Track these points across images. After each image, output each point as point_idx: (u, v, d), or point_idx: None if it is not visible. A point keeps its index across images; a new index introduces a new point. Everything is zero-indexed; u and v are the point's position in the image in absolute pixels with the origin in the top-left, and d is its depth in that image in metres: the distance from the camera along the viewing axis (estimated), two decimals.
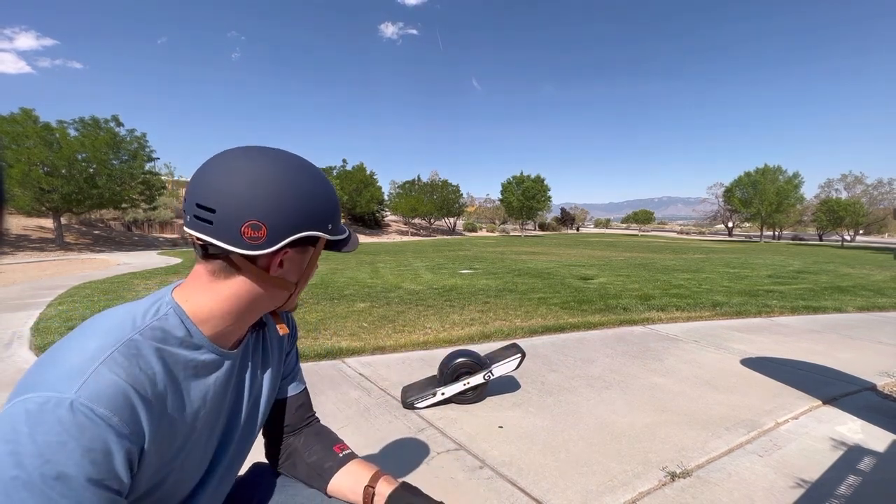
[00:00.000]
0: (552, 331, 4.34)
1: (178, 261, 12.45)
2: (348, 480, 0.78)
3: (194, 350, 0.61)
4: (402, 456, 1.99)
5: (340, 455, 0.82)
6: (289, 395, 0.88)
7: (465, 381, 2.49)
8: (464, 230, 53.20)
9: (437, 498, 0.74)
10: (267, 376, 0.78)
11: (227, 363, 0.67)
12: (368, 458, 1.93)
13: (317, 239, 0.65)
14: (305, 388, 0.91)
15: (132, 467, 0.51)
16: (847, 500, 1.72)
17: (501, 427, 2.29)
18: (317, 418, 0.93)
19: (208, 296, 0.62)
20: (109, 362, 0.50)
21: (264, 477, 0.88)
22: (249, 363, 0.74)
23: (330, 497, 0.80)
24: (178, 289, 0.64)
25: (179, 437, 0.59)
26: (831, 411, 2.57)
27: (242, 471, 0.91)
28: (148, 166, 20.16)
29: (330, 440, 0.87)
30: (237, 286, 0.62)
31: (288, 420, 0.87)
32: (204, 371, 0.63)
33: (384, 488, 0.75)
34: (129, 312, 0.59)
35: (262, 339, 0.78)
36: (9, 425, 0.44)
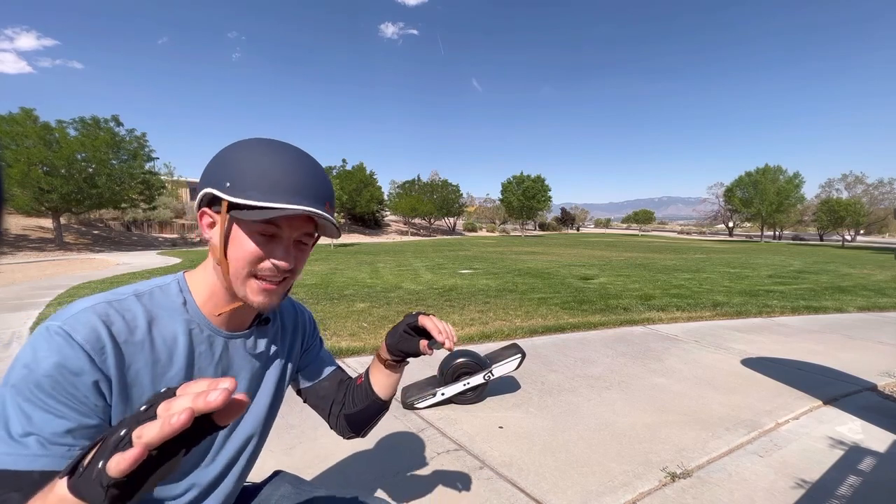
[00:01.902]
0: (552, 331, 4.34)
1: (177, 261, 12.44)
2: (374, 374, 0.87)
3: (185, 319, 0.66)
4: (402, 456, 1.98)
5: (363, 377, 0.89)
6: (324, 378, 0.91)
7: (466, 382, 2.49)
8: (464, 230, 53.20)
9: (436, 499, 0.75)
10: (270, 373, 0.79)
11: (218, 340, 0.69)
12: (368, 459, 1.94)
13: (220, 199, 0.62)
14: (338, 367, 0.95)
15: (104, 396, 0.57)
16: (847, 500, 1.72)
17: (501, 427, 2.28)
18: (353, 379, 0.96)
19: (207, 269, 0.68)
20: (96, 307, 0.59)
21: (283, 486, 0.90)
22: (250, 354, 0.75)
23: (384, 400, 0.87)
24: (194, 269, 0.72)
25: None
26: (832, 411, 2.57)
27: (259, 478, 0.94)
28: (147, 166, 20.12)
29: (353, 381, 0.92)
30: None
31: (336, 397, 0.90)
32: (190, 341, 0.66)
33: (380, 349, 0.87)
34: (139, 283, 0.67)
35: (272, 335, 0.80)
36: (25, 344, 0.57)
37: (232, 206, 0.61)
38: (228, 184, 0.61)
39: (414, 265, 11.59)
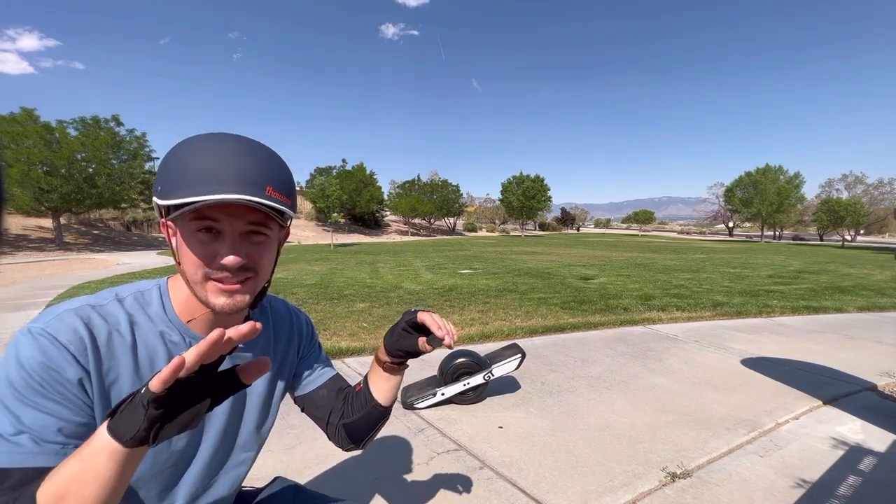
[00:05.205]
0: (552, 331, 4.33)
1: None
2: (373, 379, 0.84)
3: (164, 326, 0.65)
4: (402, 456, 1.98)
5: (362, 384, 0.86)
6: (321, 386, 0.87)
7: (466, 382, 2.49)
8: (464, 230, 53.19)
9: (436, 499, 0.75)
10: (258, 385, 0.77)
11: None
12: (368, 459, 1.94)
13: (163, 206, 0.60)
14: (337, 373, 0.90)
15: (89, 395, 0.57)
16: (847, 500, 1.72)
17: (501, 427, 2.28)
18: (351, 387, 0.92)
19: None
20: (79, 310, 0.59)
21: (281, 493, 0.89)
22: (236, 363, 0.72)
23: (385, 407, 0.83)
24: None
25: None
26: (831, 411, 2.57)
27: (259, 483, 0.93)
28: (148, 166, 20.15)
29: (352, 389, 0.88)
30: None
31: (335, 406, 0.86)
32: (170, 347, 0.65)
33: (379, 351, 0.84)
34: (120, 287, 0.67)
35: (263, 344, 0.78)
36: (7, 347, 0.57)
37: (170, 210, 0.58)
38: (160, 188, 0.58)
39: (414, 265, 11.59)
